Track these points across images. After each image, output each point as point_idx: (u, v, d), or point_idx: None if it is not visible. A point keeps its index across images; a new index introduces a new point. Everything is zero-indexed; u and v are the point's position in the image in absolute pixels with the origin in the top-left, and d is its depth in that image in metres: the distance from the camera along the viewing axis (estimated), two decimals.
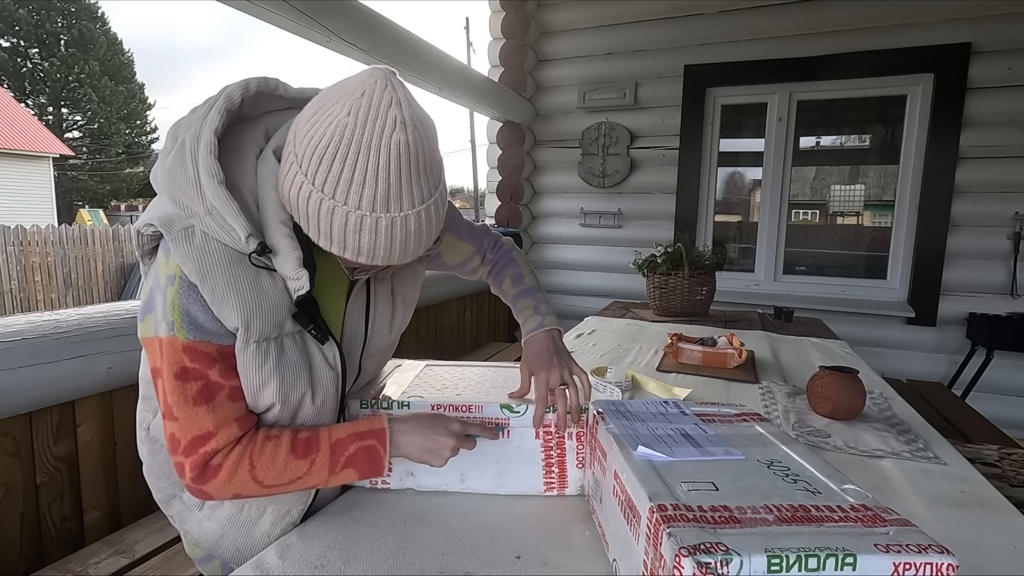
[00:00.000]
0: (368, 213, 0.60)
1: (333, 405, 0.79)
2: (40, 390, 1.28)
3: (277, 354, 0.69)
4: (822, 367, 1.22)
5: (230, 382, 0.69)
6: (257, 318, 0.67)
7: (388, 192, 0.59)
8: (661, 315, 2.41)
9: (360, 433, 0.75)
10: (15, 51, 21.00)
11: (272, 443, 0.71)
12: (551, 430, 0.85)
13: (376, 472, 0.75)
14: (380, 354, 0.89)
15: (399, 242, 0.63)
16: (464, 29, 15.81)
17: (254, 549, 0.80)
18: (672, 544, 0.47)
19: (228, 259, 0.65)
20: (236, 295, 0.65)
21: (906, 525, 0.51)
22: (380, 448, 0.74)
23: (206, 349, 0.66)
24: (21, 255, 7.57)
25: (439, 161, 0.65)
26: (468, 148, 12.82)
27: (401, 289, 0.88)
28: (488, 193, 3.99)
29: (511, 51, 3.64)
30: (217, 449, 0.68)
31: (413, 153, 0.59)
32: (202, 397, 0.67)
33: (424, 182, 0.62)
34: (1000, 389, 2.93)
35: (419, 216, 0.62)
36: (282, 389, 0.70)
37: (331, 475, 0.72)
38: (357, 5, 2.12)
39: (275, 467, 0.70)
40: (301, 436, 0.73)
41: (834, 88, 3.16)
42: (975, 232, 2.94)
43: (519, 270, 1.02)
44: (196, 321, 0.65)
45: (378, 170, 0.58)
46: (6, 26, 20.41)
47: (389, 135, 0.58)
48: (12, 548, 1.29)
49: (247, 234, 0.62)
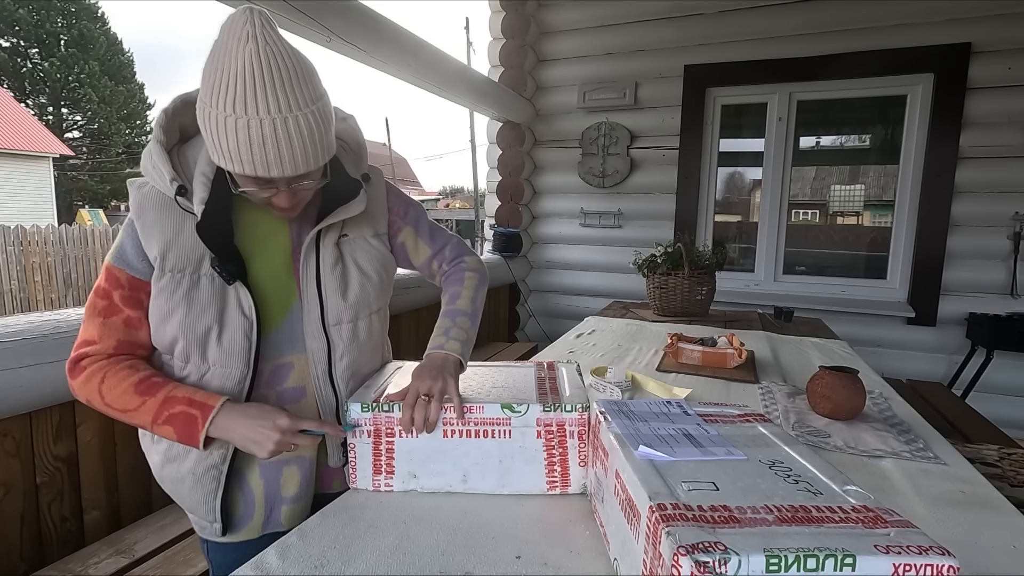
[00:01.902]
0: (230, 114, 0.68)
1: (242, 352, 0.83)
2: (40, 390, 1.28)
3: (189, 287, 0.80)
4: (822, 367, 1.22)
5: (129, 310, 0.81)
6: (173, 249, 0.79)
7: (245, 95, 0.68)
8: (661, 315, 2.41)
9: (192, 400, 0.79)
10: (15, 51, 20.98)
11: (127, 372, 0.80)
12: (552, 429, 0.84)
13: (191, 441, 0.79)
14: (345, 324, 0.91)
15: (257, 145, 0.70)
16: (464, 29, 15.81)
17: (183, 484, 0.87)
18: (671, 543, 0.47)
19: (161, 202, 0.80)
20: (159, 230, 0.80)
21: (907, 527, 0.51)
22: (200, 421, 0.78)
23: (119, 275, 0.81)
24: (21, 255, 7.57)
25: (309, 85, 0.72)
26: (468, 148, 12.82)
27: (354, 258, 0.93)
28: (488, 193, 3.99)
29: (511, 51, 3.64)
30: (88, 354, 0.81)
31: (266, 64, 0.68)
32: (101, 313, 0.81)
33: (283, 95, 0.69)
34: (1000, 389, 2.93)
35: (275, 123, 0.69)
36: (188, 318, 0.80)
37: (153, 424, 0.79)
38: (357, 5, 2.12)
39: (116, 391, 0.79)
40: (153, 379, 0.81)
41: (834, 88, 3.16)
42: (975, 232, 2.94)
43: (460, 290, 1.03)
44: (124, 250, 0.81)
45: (237, 74, 0.68)
46: (6, 26, 20.39)
47: (244, 45, 0.68)
48: (12, 548, 1.29)
49: (171, 178, 0.77)
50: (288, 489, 0.91)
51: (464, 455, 0.84)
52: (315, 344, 0.89)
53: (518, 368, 1.05)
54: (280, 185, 0.77)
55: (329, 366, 0.91)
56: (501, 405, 0.83)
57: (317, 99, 0.73)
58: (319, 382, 0.90)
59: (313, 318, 0.88)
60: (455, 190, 34.54)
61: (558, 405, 0.84)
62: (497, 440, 0.84)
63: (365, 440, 0.84)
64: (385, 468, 0.84)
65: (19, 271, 7.56)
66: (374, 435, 0.84)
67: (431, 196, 25.43)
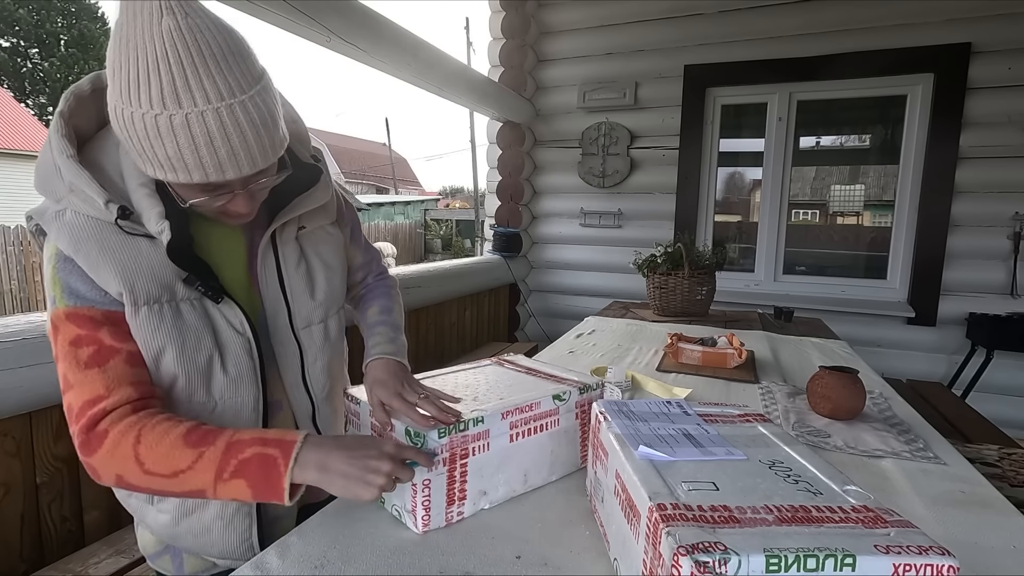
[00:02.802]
0: (159, 111, 0.55)
1: (250, 374, 0.74)
2: (40, 390, 1.28)
3: (173, 317, 0.68)
4: (822, 367, 1.22)
5: (126, 346, 0.67)
6: (139, 280, 0.66)
7: (174, 83, 0.55)
8: (661, 315, 2.41)
9: (266, 439, 0.65)
10: (15, 51, 21.00)
11: (168, 424, 0.65)
12: (585, 408, 0.90)
13: (272, 493, 0.63)
14: (316, 326, 0.84)
15: (204, 144, 0.57)
16: (464, 29, 15.81)
17: (209, 534, 0.78)
18: (671, 543, 0.47)
19: (98, 228, 0.66)
20: (111, 260, 0.65)
21: (907, 527, 0.51)
22: (281, 461, 0.63)
23: (90, 313, 0.66)
24: (21, 255, 7.58)
25: (248, 62, 0.60)
26: (468, 148, 12.82)
27: (317, 252, 0.84)
28: (488, 193, 3.99)
29: (511, 51, 3.64)
30: (107, 411, 0.65)
31: (191, 41, 0.55)
32: (94, 360, 0.65)
33: (221, 76, 0.57)
34: (1000, 389, 2.93)
35: (219, 113, 0.57)
36: (184, 352, 0.68)
37: (218, 479, 0.63)
38: (357, 5, 2.12)
39: (159, 448, 0.63)
40: (202, 427, 0.66)
41: (834, 88, 3.16)
42: (975, 232, 2.94)
43: (390, 304, 0.98)
44: (75, 289, 0.65)
45: (156, 60, 0.54)
46: (6, 26, 20.40)
47: (157, 21, 0.54)
48: (12, 548, 1.29)
49: (105, 200, 0.62)
50: (277, 507, 0.85)
51: (526, 454, 0.84)
52: (284, 350, 0.81)
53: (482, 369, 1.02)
54: (236, 187, 0.65)
55: (302, 371, 0.84)
56: (552, 396, 0.86)
57: (259, 77, 0.61)
58: (292, 391, 0.83)
59: (280, 323, 0.80)
60: (455, 190, 34.53)
61: (586, 388, 0.90)
62: (548, 431, 0.86)
63: (441, 471, 0.73)
64: (458, 495, 0.76)
65: (19, 271, 7.56)
66: (449, 461, 0.74)
67: (431, 196, 25.44)
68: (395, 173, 22.34)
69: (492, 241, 3.83)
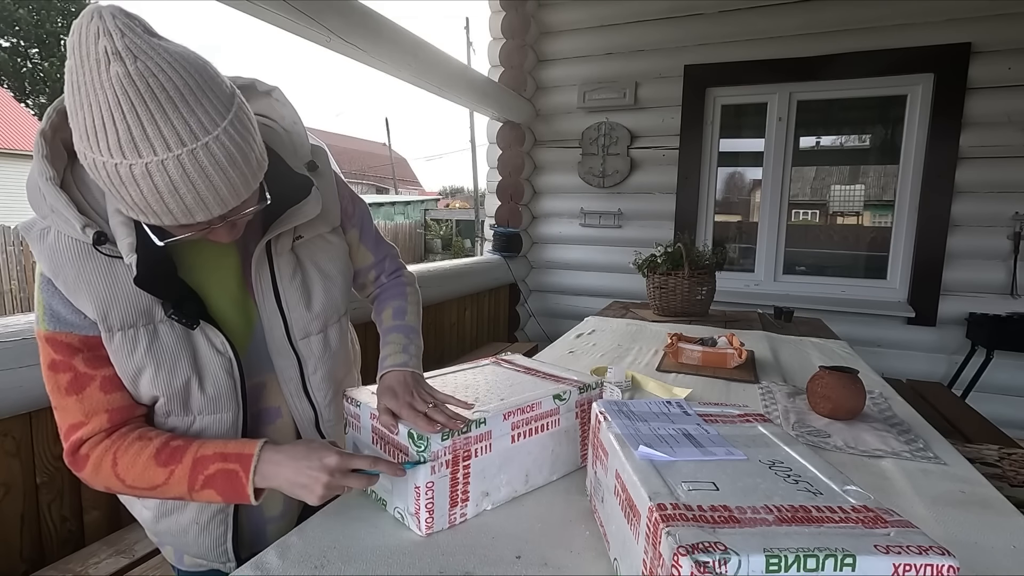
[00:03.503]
0: (121, 160, 0.53)
1: (231, 394, 0.75)
2: (40, 390, 1.25)
3: (149, 341, 0.69)
4: (822, 367, 1.22)
5: (101, 372, 0.69)
6: (114, 307, 0.67)
7: (130, 134, 0.52)
8: (661, 315, 2.41)
9: (226, 454, 0.69)
10: (15, 51, 20.99)
11: (140, 444, 0.69)
12: (584, 407, 0.91)
13: (239, 498, 0.69)
14: (315, 336, 0.84)
15: (168, 193, 0.55)
16: (464, 29, 15.82)
17: (187, 535, 0.81)
18: (671, 543, 0.47)
19: (77, 252, 0.66)
20: (88, 286, 0.66)
21: (907, 527, 0.51)
22: (242, 475, 0.68)
23: (67, 340, 0.68)
24: (21, 255, 7.57)
25: (212, 93, 0.56)
26: (468, 148, 12.82)
27: (314, 262, 0.83)
28: (488, 193, 3.99)
29: (511, 51, 3.64)
30: (84, 439, 0.69)
31: (143, 87, 0.52)
32: (72, 388, 0.69)
33: (181, 121, 0.54)
34: (1000, 389, 2.93)
35: (181, 161, 0.54)
36: (159, 376, 0.70)
37: (191, 491, 0.68)
38: (357, 5, 2.12)
39: (135, 469, 0.68)
40: (172, 444, 0.70)
41: (834, 88, 3.16)
42: (975, 232, 2.94)
43: (404, 305, 0.96)
44: (56, 313, 0.67)
45: (110, 110, 0.52)
46: (6, 26, 20.39)
47: (105, 68, 0.51)
48: (12, 548, 1.29)
49: (82, 224, 0.62)
50: (270, 509, 0.87)
51: (527, 455, 0.84)
52: (283, 362, 0.82)
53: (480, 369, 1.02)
54: (214, 223, 0.63)
55: (303, 381, 0.84)
56: (553, 396, 0.86)
57: (227, 107, 0.58)
58: (293, 399, 0.84)
59: (277, 335, 0.80)
60: (455, 190, 34.53)
61: (585, 387, 0.91)
62: (549, 431, 0.87)
63: (444, 473, 0.74)
64: (461, 497, 0.76)
65: (19, 271, 7.56)
66: (452, 463, 0.74)
67: (431, 196, 25.45)
68: (395, 173, 22.35)
69: (492, 241, 3.83)
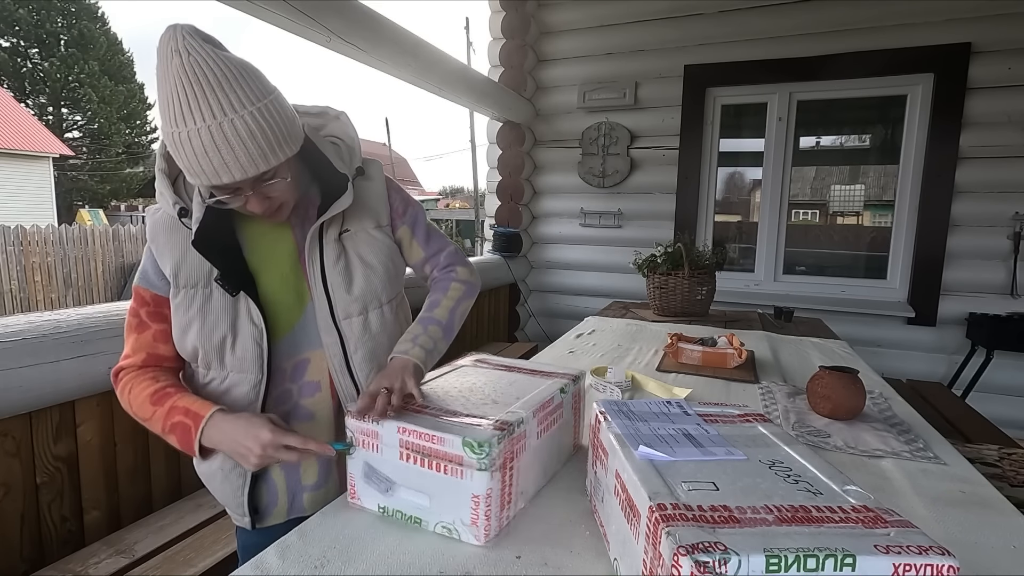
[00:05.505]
0: (175, 129, 0.72)
1: (255, 358, 0.88)
2: (40, 390, 1.28)
3: (202, 301, 0.86)
4: (822, 367, 1.22)
5: (156, 325, 0.88)
6: (184, 267, 0.85)
7: (181, 108, 0.71)
8: (661, 315, 2.41)
9: (189, 410, 0.83)
10: (15, 51, 20.95)
11: (148, 382, 0.86)
12: (578, 396, 0.97)
13: (189, 451, 0.84)
14: (355, 318, 0.94)
15: (201, 155, 0.73)
16: (464, 29, 15.80)
17: (214, 480, 0.93)
18: (671, 543, 0.47)
19: (169, 224, 0.87)
20: (170, 249, 0.86)
21: (907, 527, 0.51)
22: (193, 431, 0.82)
23: (143, 293, 0.88)
24: (21, 255, 7.57)
25: (246, 86, 0.74)
26: (468, 148, 12.82)
27: (357, 252, 0.95)
28: (488, 193, 3.99)
29: (511, 51, 3.64)
30: (124, 368, 0.89)
31: (191, 74, 0.70)
32: (133, 328, 0.89)
33: (215, 101, 0.71)
34: (1000, 389, 2.93)
35: (211, 130, 0.71)
36: (204, 330, 0.86)
37: (163, 432, 0.84)
38: (357, 5, 2.12)
39: (137, 400, 0.86)
40: (166, 390, 0.86)
41: (834, 88, 3.16)
42: (975, 232, 2.94)
43: (440, 298, 1.05)
44: (145, 271, 0.88)
45: (172, 90, 0.71)
46: (6, 26, 20.37)
47: (169, 61, 0.71)
48: (12, 548, 1.29)
49: (173, 202, 0.83)
50: (308, 478, 0.95)
51: (545, 449, 0.87)
52: (329, 339, 0.93)
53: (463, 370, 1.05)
54: (244, 189, 0.78)
55: (345, 358, 0.94)
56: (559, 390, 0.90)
57: (260, 97, 0.75)
58: (337, 375, 0.94)
59: (324, 314, 0.92)
60: (455, 190, 34.49)
61: (576, 379, 0.97)
62: (558, 424, 0.90)
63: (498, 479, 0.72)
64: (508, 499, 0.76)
65: (19, 271, 7.56)
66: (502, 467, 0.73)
67: (431, 196, 25.45)
68: (395, 173, 22.35)
69: (492, 241, 3.83)
